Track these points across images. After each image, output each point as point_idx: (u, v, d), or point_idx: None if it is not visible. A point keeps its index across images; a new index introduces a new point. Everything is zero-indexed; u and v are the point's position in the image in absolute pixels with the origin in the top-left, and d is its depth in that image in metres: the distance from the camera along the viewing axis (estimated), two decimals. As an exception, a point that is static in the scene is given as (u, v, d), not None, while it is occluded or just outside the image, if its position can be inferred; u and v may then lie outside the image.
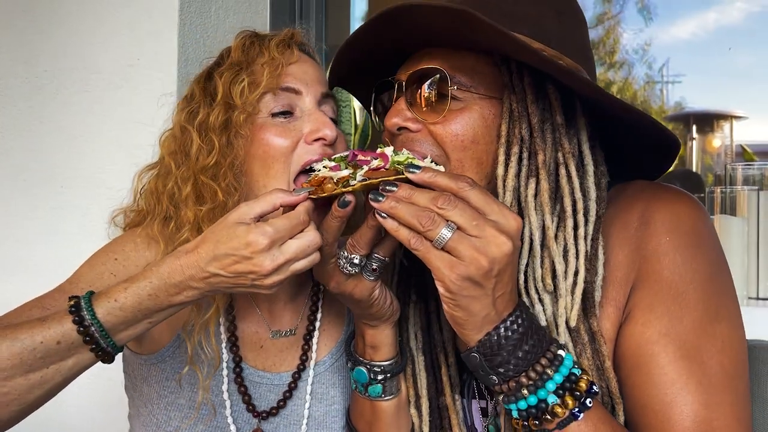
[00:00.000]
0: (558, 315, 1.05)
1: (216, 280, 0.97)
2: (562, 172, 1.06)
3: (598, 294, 1.06)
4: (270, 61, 1.24)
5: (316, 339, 1.34)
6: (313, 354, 1.33)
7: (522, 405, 0.99)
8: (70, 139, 2.02)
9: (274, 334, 1.32)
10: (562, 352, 1.00)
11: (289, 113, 1.24)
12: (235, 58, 1.26)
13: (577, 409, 0.97)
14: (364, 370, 1.18)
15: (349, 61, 1.25)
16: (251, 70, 1.24)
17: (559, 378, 0.98)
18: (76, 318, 0.97)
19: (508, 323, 0.97)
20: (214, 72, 1.28)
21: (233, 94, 1.22)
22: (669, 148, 1.13)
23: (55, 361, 0.98)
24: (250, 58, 1.26)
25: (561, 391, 0.97)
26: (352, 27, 2.72)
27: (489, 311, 0.95)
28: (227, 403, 1.26)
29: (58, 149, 2.04)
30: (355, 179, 0.99)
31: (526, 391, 0.98)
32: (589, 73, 1.14)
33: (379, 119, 1.26)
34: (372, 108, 1.27)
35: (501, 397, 1.02)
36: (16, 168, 2.10)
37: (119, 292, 0.99)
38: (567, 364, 0.99)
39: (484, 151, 1.09)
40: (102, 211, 2.04)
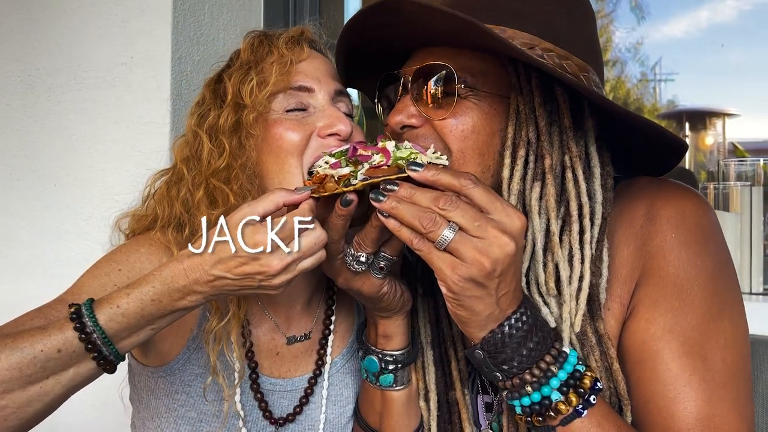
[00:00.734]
0: (563, 319, 1.04)
1: (221, 283, 0.95)
2: (569, 175, 1.05)
3: (603, 296, 1.05)
4: (279, 60, 1.22)
5: (331, 343, 1.32)
6: (329, 358, 1.31)
7: (526, 401, 0.98)
8: (62, 137, 2.01)
9: (290, 340, 1.30)
10: (566, 349, 1.00)
11: (302, 110, 1.22)
12: (244, 59, 1.24)
13: (581, 406, 0.96)
14: (376, 359, 1.18)
15: (349, 52, 1.23)
16: (260, 68, 1.22)
17: (563, 375, 0.97)
18: (78, 325, 0.95)
19: (513, 321, 0.96)
20: (223, 74, 1.26)
21: (243, 94, 1.20)
22: (676, 148, 1.13)
23: (55, 371, 0.95)
24: (259, 57, 1.24)
25: (565, 388, 0.97)
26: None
27: (493, 310, 0.94)
28: (241, 413, 1.23)
29: (51, 147, 2.02)
30: (357, 178, 0.98)
31: (529, 388, 0.97)
32: (597, 70, 1.13)
33: (384, 113, 1.24)
34: (377, 102, 1.25)
35: (505, 393, 1.01)
36: (8, 167, 2.08)
37: (121, 297, 0.96)
38: (571, 360, 0.99)
39: (485, 143, 1.07)
40: (95, 210, 2.05)
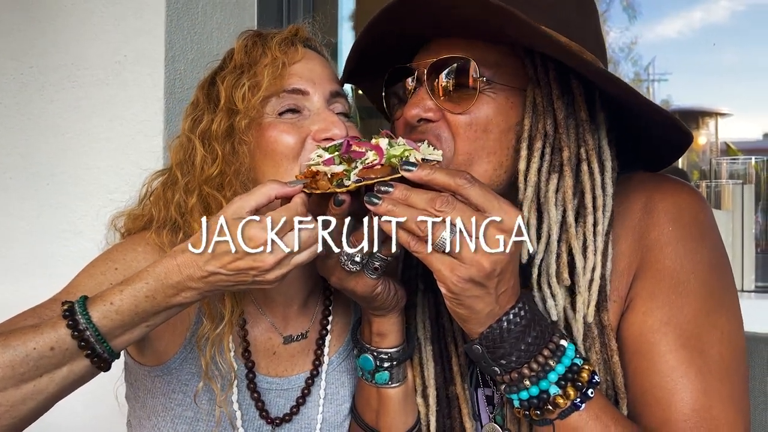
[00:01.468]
0: (577, 310, 1.04)
1: (215, 279, 0.94)
2: (584, 168, 1.05)
3: (608, 288, 1.06)
4: (272, 62, 1.19)
5: (328, 342, 1.31)
6: (326, 358, 1.30)
7: (524, 395, 0.98)
8: (56, 135, 2.00)
9: (286, 340, 1.29)
10: (564, 342, 1.00)
11: (297, 112, 1.19)
12: (238, 61, 1.22)
13: (578, 400, 0.97)
14: (371, 357, 1.17)
15: (366, 45, 1.17)
16: (253, 72, 1.19)
17: (561, 369, 0.97)
18: (71, 322, 0.93)
19: (511, 316, 0.96)
20: (216, 76, 1.24)
21: (235, 99, 1.17)
22: (680, 143, 1.12)
23: (48, 369, 0.94)
24: (253, 59, 1.21)
25: (563, 382, 0.97)
26: (340, 25, 2.70)
27: (492, 307, 0.94)
28: (237, 413, 1.22)
29: (45, 146, 2.01)
30: (350, 178, 0.96)
31: (528, 382, 0.97)
32: (605, 64, 1.13)
33: (390, 108, 1.21)
34: (383, 96, 1.22)
35: (503, 387, 1.01)
36: (1, 165, 2.06)
37: (115, 294, 0.95)
38: (569, 354, 0.99)
39: (496, 140, 1.06)
40: (91, 208, 2.04)
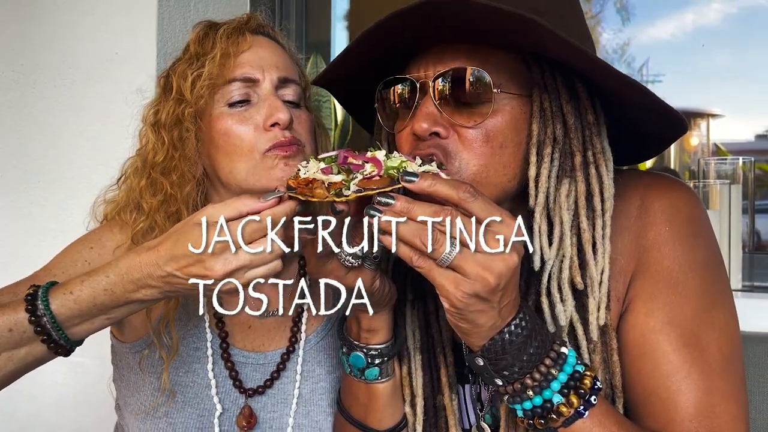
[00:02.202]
0: (590, 312, 1.04)
1: (175, 281, 0.94)
2: (592, 171, 1.04)
3: (609, 287, 1.06)
4: (219, 52, 1.23)
5: (305, 320, 1.34)
6: (303, 335, 1.33)
7: (527, 405, 0.97)
8: (47, 133, 2.00)
9: (263, 314, 1.30)
10: (564, 350, 0.99)
11: (246, 101, 1.23)
12: (192, 51, 1.26)
13: (582, 407, 0.96)
14: (361, 354, 1.15)
15: (360, 51, 1.10)
16: (201, 62, 1.23)
17: (563, 377, 0.96)
18: (30, 307, 0.97)
19: (512, 327, 0.95)
20: (171, 68, 1.29)
21: (183, 89, 1.22)
22: (674, 134, 1.11)
23: (7, 348, 0.98)
24: (204, 50, 1.24)
25: (566, 390, 0.96)
26: (333, 24, 2.70)
27: (495, 320, 0.93)
28: (213, 382, 1.26)
29: (35, 144, 2.01)
30: (349, 189, 0.93)
31: (531, 392, 0.96)
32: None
33: (385, 120, 1.15)
34: (376, 107, 1.15)
35: (506, 398, 1.00)
36: (-8, 163, 2.07)
37: (76, 284, 0.98)
38: (570, 362, 0.98)
39: (511, 154, 1.04)
40: (80, 207, 2.02)
